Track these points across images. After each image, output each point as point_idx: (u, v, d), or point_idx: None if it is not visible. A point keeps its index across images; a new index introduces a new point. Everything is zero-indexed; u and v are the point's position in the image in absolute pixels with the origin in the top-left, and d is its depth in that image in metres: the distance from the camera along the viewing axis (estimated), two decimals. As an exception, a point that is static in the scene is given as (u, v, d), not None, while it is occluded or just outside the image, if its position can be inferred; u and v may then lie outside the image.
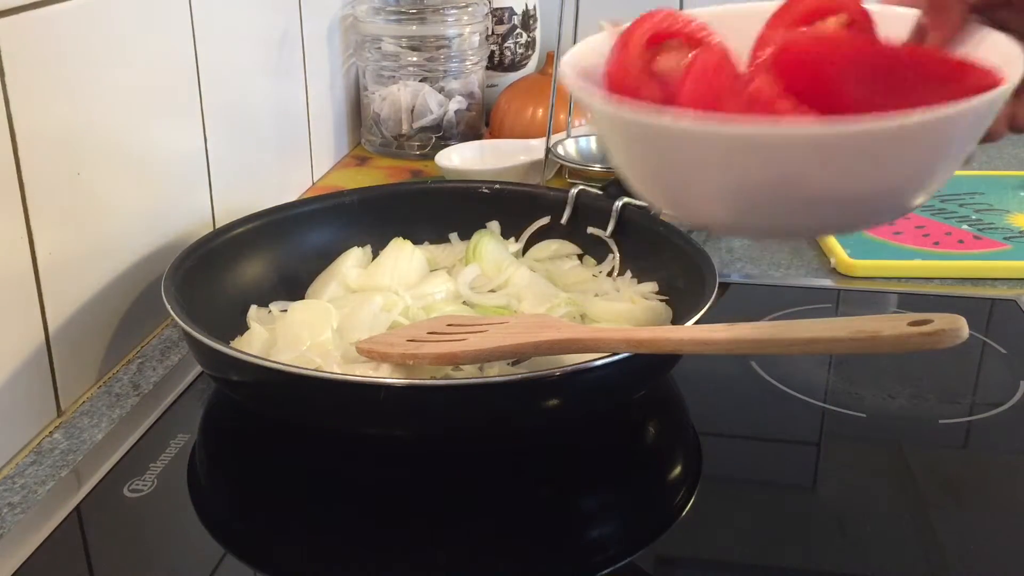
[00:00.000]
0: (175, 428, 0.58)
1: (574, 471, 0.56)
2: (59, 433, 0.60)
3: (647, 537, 0.50)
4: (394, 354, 0.55)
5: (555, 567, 0.49)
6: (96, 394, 0.64)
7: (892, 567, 0.48)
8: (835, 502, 0.53)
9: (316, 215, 0.74)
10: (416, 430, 0.53)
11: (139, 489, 0.53)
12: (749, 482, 0.55)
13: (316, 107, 1.01)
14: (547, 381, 0.51)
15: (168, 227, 0.72)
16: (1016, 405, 0.61)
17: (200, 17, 0.74)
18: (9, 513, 0.52)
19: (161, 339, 0.71)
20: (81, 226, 0.62)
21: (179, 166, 0.74)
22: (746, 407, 0.62)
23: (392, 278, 0.69)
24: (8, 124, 0.55)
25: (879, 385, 0.63)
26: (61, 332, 0.61)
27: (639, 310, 0.64)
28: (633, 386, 0.57)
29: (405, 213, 0.76)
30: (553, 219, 0.75)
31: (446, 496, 0.53)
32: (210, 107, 0.77)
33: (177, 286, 0.60)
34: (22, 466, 0.56)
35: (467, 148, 1.01)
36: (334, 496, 0.54)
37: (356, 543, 0.51)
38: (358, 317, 0.62)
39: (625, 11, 0.49)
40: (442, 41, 1.07)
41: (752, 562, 0.49)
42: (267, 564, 0.49)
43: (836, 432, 0.59)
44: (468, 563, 0.49)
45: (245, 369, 0.53)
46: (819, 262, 0.82)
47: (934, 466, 0.56)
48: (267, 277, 0.70)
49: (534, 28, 1.22)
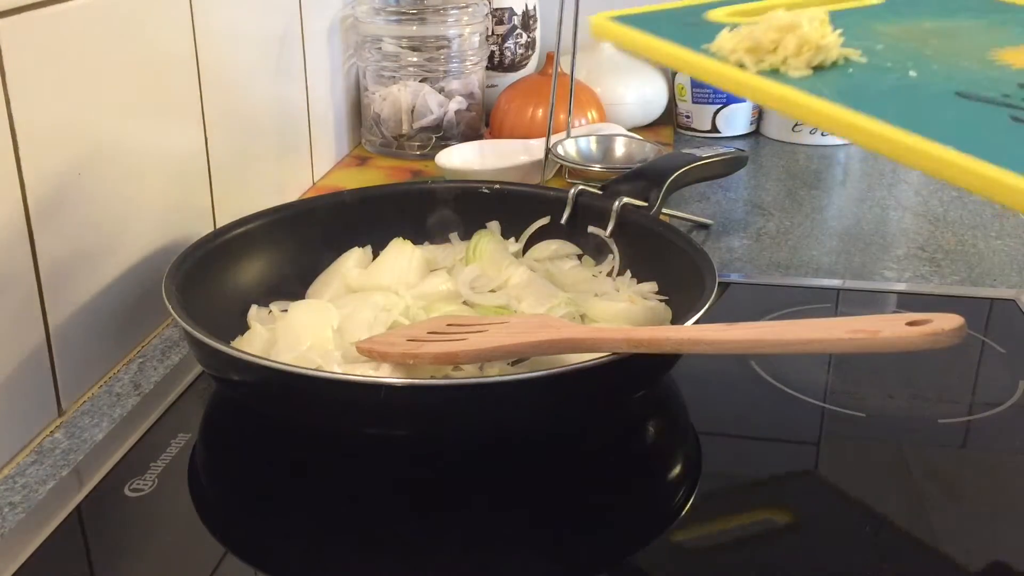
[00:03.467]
0: (176, 428, 0.58)
1: (574, 471, 0.56)
2: (60, 432, 0.60)
3: (647, 537, 0.50)
4: (394, 354, 0.55)
5: (555, 567, 0.49)
6: (97, 393, 0.64)
7: (892, 567, 0.48)
8: (835, 502, 0.53)
9: (316, 215, 0.74)
10: (416, 430, 0.53)
11: (140, 489, 0.53)
12: (749, 482, 0.55)
13: (316, 107, 1.01)
14: (547, 381, 0.51)
15: (168, 227, 0.72)
16: (1015, 405, 0.61)
17: (200, 17, 0.75)
18: (10, 512, 0.52)
19: (162, 339, 0.71)
20: (81, 226, 0.62)
21: (179, 166, 0.74)
22: (746, 407, 0.62)
23: (392, 278, 0.69)
24: (9, 124, 0.55)
25: (879, 385, 0.63)
26: (62, 331, 0.61)
27: (639, 310, 0.64)
28: (633, 386, 0.57)
29: (405, 213, 0.76)
30: (553, 219, 0.75)
31: (446, 496, 0.53)
32: (210, 107, 0.77)
33: (177, 286, 0.60)
34: (23, 465, 0.56)
35: (467, 148, 1.01)
36: (334, 496, 0.54)
37: (356, 543, 0.51)
38: (358, 317, 0.62)
39: (625, 11, 0.52)
40: (442, 41, 1.07)
41: (752, 562, 0.49)
42: (267, 564, 0.49)
43: (836, 432, 0.59)
44: (468, 563, 0.49)
45: (246, 369, 0.53)
46: (820, 261, 0.82)
47: (933, 466, 0.56)
48: (267, 277, 0.70)
49: (534, 28, 1.22)
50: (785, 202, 0.98)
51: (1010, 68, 0.46)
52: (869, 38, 0.51)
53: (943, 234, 0.89)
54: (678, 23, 0.55)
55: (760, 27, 0.48)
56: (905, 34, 0.52)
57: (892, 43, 0.50)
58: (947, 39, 0.51)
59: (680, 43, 0.51)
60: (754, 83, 0.47)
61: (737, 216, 0.94)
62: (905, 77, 0.46)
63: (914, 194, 1.00)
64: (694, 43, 0.51)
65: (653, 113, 1.20)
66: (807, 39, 0.47)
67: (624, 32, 0.55)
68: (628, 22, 0.56)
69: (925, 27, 0.53)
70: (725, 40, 0.49)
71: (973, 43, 0.50)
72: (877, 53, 0.49)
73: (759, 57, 0.48)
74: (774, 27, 0.48)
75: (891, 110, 0.42)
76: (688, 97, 1.20)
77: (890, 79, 0.46)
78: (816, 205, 0.97)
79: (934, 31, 0.52)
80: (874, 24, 0.53)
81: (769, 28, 0.48)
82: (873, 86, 0.46)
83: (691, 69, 0.51)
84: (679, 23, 0.55)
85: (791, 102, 0.45)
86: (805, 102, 0.44)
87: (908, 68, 0.47)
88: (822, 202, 0.98)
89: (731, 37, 0.49)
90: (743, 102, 1.19)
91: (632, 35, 0.54)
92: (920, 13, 0.55)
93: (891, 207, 0.96)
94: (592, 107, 1.09)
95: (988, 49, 0.49)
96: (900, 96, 0.44)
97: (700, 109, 1.20)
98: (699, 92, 1.19)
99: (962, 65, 0.47)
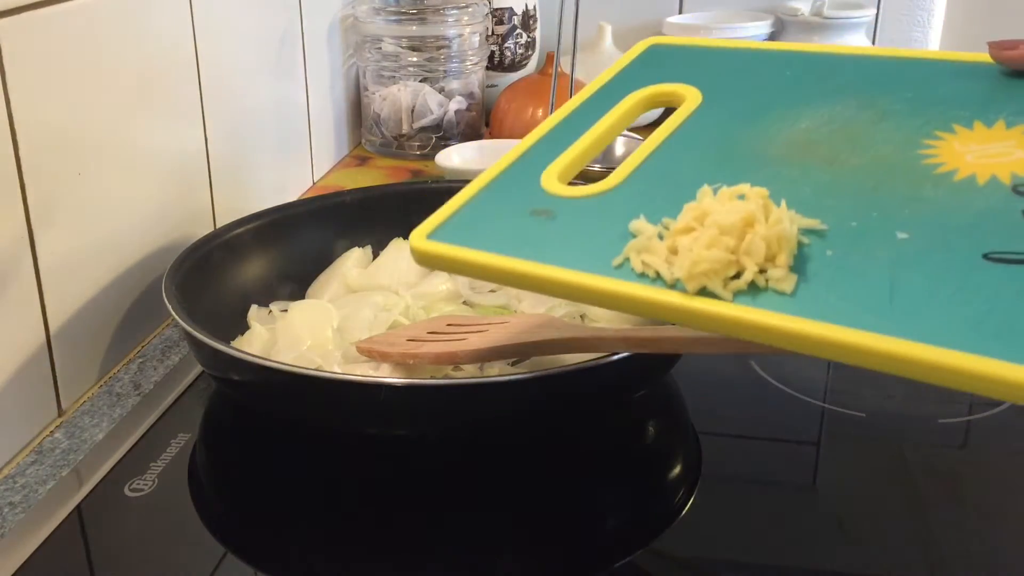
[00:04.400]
0: (176, 428, 0.59)
1: (574, 471, 0.56)
2: (60, 432, 0.60)
3: (647, 537, 0.50)
4: (394, 354, 0.55)
5: (555, 567, 0.49)
6: (97, 393, 0.64)
7: (892, 567, 0.48)
8: (835, 502, 0.53)
9: (316, 215, 0.74)
10: (416, 430, 0.53)
11: (140, 488, 0.53)
12: (749, 482, 0.55)
13: (316, 107, 1.01)
14: (547, 381, 0.51)
15: (168, 227, 0.72)
16: (1015, 405, 0.61)
17: (200, 17, 0.75)
18: (10, 512, 0.52)
19: (162, 339, 0.71)
20: (81, 226, 0.62)
21: (179, 166, 0.74)
22: (746, 407, 0.62)
23: (392, 278, 0.69)
24: (9, 123, 0.55)
25: (879, 385, 0.63)
26: (62, 331, 0.61)
27: (639, 310, 0.64)
28: (633, 386, 0.57)
29: (405, 213, 0.76)
30: (553, 219, 0.75)
31: (446, 496, 0.53)
32: (210, 107, 0.77)
33: (177, 286, 0.60)
34: (23, 465, 0.56)
35: (467, 148, 1.01)
36: (334, 495, 0.54)
37: (356, 542, 0.51)
38: (358, 317, 0.62)
39: (625, 11, 0.49)
40: (442, 41, 1.07)
41: (752, 562, 0.49)
42: (267, 564, 0.49)
43: (836, 432, 0.59)
44: (467, 563, 0.49)
45: (246, 369, 0.53)
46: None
47: (933, 465, 0.56)
48: (267, 277, 0.70)
49: (534, 28, 1.22)
50: (785, 202, 0.98)
51: (998, 182, 0.37)
52: (777, 180, 0.39)
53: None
54: (519, 216, 0.41)
55: (699, 235, 0.36)
56: (807, 156, 0.40)
57: (819, 183, 0.39)
58: (862, 154, 0.40)
59: (575, 251, 0.38)
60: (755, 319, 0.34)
61: (737, 216, 0.94)
62: (893, 241, 0.35)
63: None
64: (587, 262, 0.38)
65: (653, 113, 1.20)
66: (780, 236, 0.35)
67: (460, 255, 0.40)
68: (460, 226, 0.41)
69: (813, 139, 0.42)
70: (654, 255, 0.37)
71: (897, 156, 0.40)
72: (826, 209, 0.37)
73: (724, 279, 0.35)
74: (723, 232, 0.35)
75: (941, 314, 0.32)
76: (688, 97, 1.20)
77: (884, 253, 0.35)
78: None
79: (833, 145, 0.41)
80: (759, 151, 0.42)
81: (717, 236, 0.35)
82: (875, 275, 0.34)
83: (611, 301, 0.37)
84: (519, 216, 0.41)
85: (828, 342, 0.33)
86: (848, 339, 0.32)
87: (880, 225, 0.36)
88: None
89: (655, 249, 0.37)
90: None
91: (473, 258, 0.40)
92: (775, 119, 0.43)
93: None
94: (592, 107, 1.09)
95: (918, 159, 0.39)
96: (931, 279, 0.33)
97: (700, 109, 1.19)
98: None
99: (936, 198, 0.37)
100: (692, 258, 0.35)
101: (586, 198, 0.41)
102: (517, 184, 0.43)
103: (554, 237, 0.40)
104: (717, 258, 0.35)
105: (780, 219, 0.35)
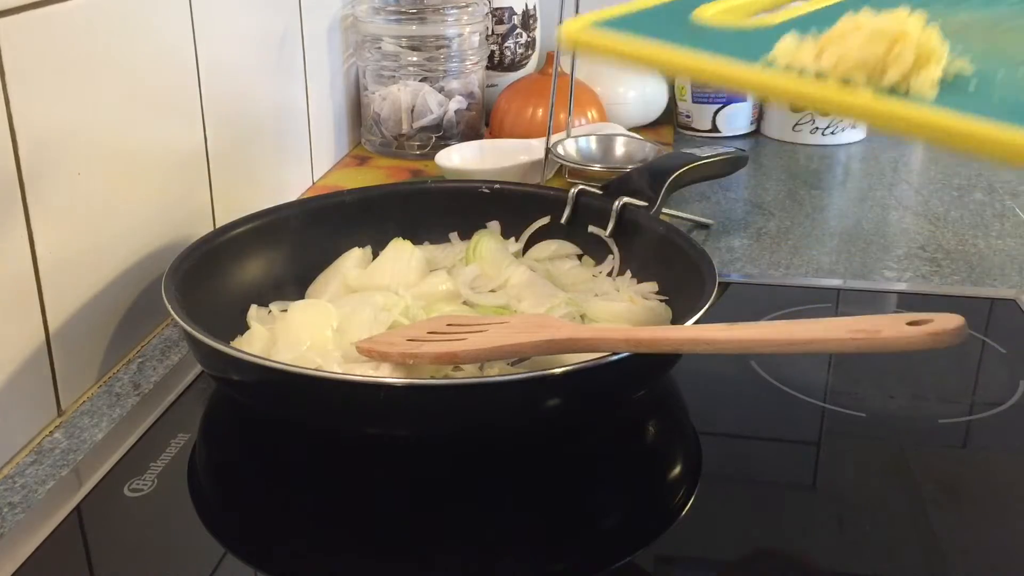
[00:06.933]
0: (175, 428, 0.58)
1: (574, 471, 0.56)
2: (59, 432, 0.60)
3: (647, 537, 0.50)
4: (394, 354, 0.55)
5: (555, 567, 0.49)
6: (96, 393, 0.64)
7: (892, 567, 0.48)
8: (835, 502, 0.53)
9: (316, 215, 0.74)
10: (416, 430, 0.53)
11: (139, 489, 0.53)
12: (749, 482, 0.55)
13: (316, 107, 1.01)
14: (547, 381, 0.51)
15: (168, 227, 0.72)
16: (1016, 405, 0.61)
17: (200, 17, 0.75)
18: (9, 513, 0.52)
19: (161, 339, 0.71)
20: (81, 226, 0.62)
21: (179, 166, 0.74)
22: (746, 407, 0.62)
23: (392, 278, 0.69)
24: (8, 124, 0.55)
25: (879, 385, 0.63)
26: (61, 332, 0.61)
27: (639, 310, 0.64)
28: (633, 386, 0.57)
29: (405, 213, 0.76)
30: (553, 219, 0.75)
31: (446, 496, 0.53)
32: (210, 107, 0.77)
33: (177, 286, 0.60)
34: (22, 465, 0.56)
35: (467, 148, 1.01)
36: (334, 496, 0.54)
37: (356, 543, 0.51)
38: (358, 317, 0.62)
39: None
40: (442, 41, 1.07)
41: (752, 562, 0.49)
42: (267, 564, 0.49)
43: (836, 432, 0.59)
44: (467, 563, 0.49)
45: (245, 369, 0.53)
46: (820, 261, 0.82)
47: (934, 466, 0.56)
48: (267, 277, 0.70)
49: (534, 28, 1.22)
50: (785, 202, 0.98)
51: None
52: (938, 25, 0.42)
53: (943, 234, 0.89)
54: (677, 25, 0.45)
55: (852, 37, 0.38)
56: (964, 32, 0.42)
57: (973, 45, 0.41)
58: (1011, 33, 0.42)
59: (728, 54, 0.41)
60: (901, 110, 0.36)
61: (737, 216, 0.94)
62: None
63: (914, 194, 1.00)
64: (741, 53, 0.41)
65: (653, 113, 1.20)
66: (930, 50, 0.38)
67: (623, 43, 0.44)
68: (619, 26, 0.45)
69: (966, 21, 0.43)
70: (803, 52, 0.39)
71: None
72: (975, 59, 0.40)
73: (869, 74, 0.37)
74: (875, 36, 0.38)
75: None
76: (688, 97, 1.20)
77: None
78: (816, 205, 0.97)
79: (985, 26, 0.43)
80: None
81: (870, 38, 0.38)
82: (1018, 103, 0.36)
83: (765, 89, 0.40)
84: (678, 26, 0.45)
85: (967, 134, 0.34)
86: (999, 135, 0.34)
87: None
88: (822, 202, 0.98)
89: (805, 48, 0.39)
90: (743, 101, 1.19)
91: (641, 46, 0.43)
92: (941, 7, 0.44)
93: (891, 207, 0.96)
94: (592, 107, 1.09)
95: None
96: None
97: (700, 109, 1.20)
98: (699, 92, 1.19)
99: None
100: (840, 52, 0.37)
101: (744, 28, 0.44)
102: (671, 11, 0.47)
103: (710, 38, 0.43)
104: (863, 56, 0.37)
105: (932, 37, 0.38)
